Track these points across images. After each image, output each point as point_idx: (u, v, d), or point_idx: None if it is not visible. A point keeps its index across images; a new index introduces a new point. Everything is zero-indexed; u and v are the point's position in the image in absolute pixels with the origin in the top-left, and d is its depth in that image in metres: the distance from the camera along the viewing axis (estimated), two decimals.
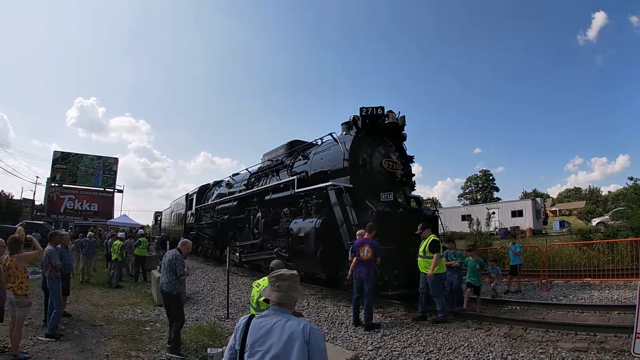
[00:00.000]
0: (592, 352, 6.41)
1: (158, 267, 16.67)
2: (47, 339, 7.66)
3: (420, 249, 9.16)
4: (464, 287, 10.42)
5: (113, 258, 15.96)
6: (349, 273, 9.06)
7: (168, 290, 7.27)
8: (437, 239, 9.18)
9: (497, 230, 37.18)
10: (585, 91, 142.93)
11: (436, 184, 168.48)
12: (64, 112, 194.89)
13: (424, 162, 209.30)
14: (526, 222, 41.49)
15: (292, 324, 2.50)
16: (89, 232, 16.49)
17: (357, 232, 9.42)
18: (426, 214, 12.76)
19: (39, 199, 60.99)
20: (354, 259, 8.86)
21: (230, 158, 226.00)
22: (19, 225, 25.58)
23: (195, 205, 27.08)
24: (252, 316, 2.67)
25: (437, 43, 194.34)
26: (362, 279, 8.69)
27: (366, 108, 12.14)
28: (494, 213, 40.66)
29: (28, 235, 10.96)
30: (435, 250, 8.94)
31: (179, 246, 7.71)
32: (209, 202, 24.50)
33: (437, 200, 74.45)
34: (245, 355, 2.52)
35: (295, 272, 2.85)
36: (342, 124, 13.57)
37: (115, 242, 16.32)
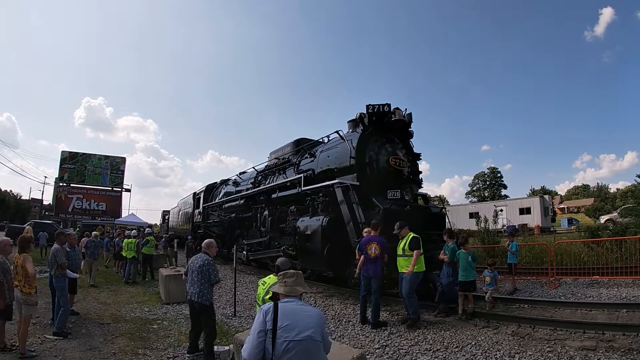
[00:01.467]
0: (601, 351, 6.39)
1: (165, 265, 16.78)
2: (55, 337, 7.68)
3: (399, 248, 8.82)
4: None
5: (130, 256, 16.02)
6: (357, 271, 9.01)
7: (200, 302, 6.53)
8: (416, 236, 8.72)
9: (504, 227, 37.01)
10: (593, 88, 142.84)
11: (443, 182, 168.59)
12: (71, 113, 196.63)
13: (431, 160, 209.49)
14: (534, 220, 41.25)
15: (311, 310, 2.97)
16: (94, 232, 16.31)
17: (364, 230, 9.40)
18: (433, 211, 12.74)
19: (47, 199, 61.61)
20: (362, 256, 8.83)
21: (238, 157, 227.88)
22: (27, 225, 25.84)
23: (203, 204, 27.11)
24: (276, 302, 2.95)
25: (444, 40, 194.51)
26: (370, 277, 8.66)
27: (373, 105, 12.07)
28: (501, 210, 40.45)
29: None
30: (415, 247, 8.51)
31: (206, 249, 7.01)
32: (216, 201, 24.52)
33: (445, 198, 74.43)
34: (279, 332, 2.73)
35: (299, 271, 3.35)
36: (348, 122, 13.55)
37: (129, 240, 16.38)
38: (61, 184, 47.56)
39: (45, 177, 77.32)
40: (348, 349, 4.45)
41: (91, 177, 48.69)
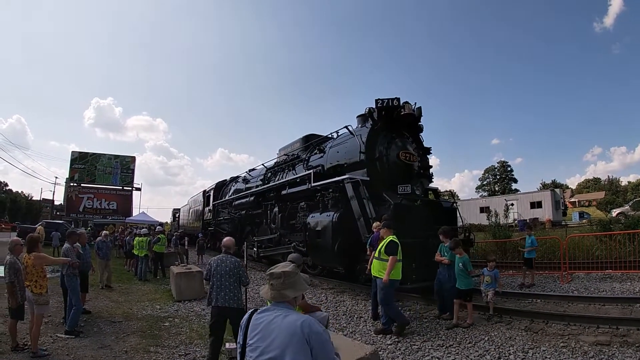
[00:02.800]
0: (615, 346, 6.32)
1: (176, 262, 16.83)
2: (67, 336, 7.70)
3: (377, 250, 8.28)
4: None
5: (142, 254, 16.06)
6: (368, 267, 8.88)
7: (236, 306, 6.10)
8: (395, 240, 8.00)
9: (515, 222, 36.85)
10: (603, 79, 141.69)
11: (454, 176, 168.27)
12: (81, 113, 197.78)
13: (441, 155, 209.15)
14: (545, 214, 41.08)
15: (290, 320, 2.42)
16: (104, 232, 16.14)
17: (374, 225, 9.34)
18: (445, 206, 12.68)
19: (59, 199, 62.00)
20: (372, 252, 8.74)
21: (247, 154, 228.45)
22: (39, 225, 26.04)
23: (213, 202, 27.27)
24: (254, 311, 2.64)
25: (453, 32, 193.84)
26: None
27: (382, 100, 12.01)
28: (512, 205, 40.31)
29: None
30: (391, 252, 7.77)
31: (228, 250, 6.55)
32: (226, 198, 24.62)
33: (455, 193, 74.18)
34: (247, 350, 2.49)
35: (290, 268, 2.72)
36: (357, 117, 13.52)
37: (140, 239, 16.43)
38: (72, 184, 47.77)
39: (56, 177, 78.13)
40: (360, 346, 4.41)
41: (101, 176, 48.89)
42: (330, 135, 14.89)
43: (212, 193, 28.00)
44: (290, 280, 2.63)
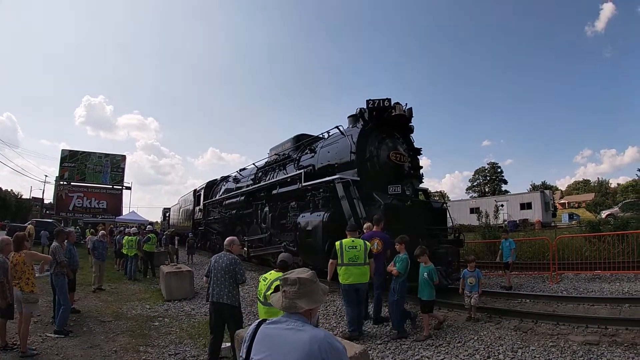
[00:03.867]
0: (604, 345, 6.37)
1: (166, 262, 16.78)
2: (56, 336, 7.67)
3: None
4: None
5: (132, 254, 16.00)
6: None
7: (229, 303, 6.11)
8: (336, 242, 8.05)
9: (505, 222, 37.05)
10: (594, 82, 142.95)
11: (444, 177, 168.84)
12: (72, 111, 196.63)
13: (432, 156, 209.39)
14: (535, 215, 41.34)
15: (301, 338, 2.03)
16: (101, 231, 15.91)
17: (365, 226, 9.32)
18: (435, 206, 12.72)
19: (48, 198, 61.53)
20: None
21: (239, 154, 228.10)
22: (29, 224, 25.83)
23: (203, 201, 27.18)
24: (262, 321, 2.28)
25: (444, 35, 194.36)
26: (372, 273, 8.58)
27: (373, 100, 12.02)
28: (502, 205, 40.49)
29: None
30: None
31: (228, 248, 6.56)
32: (217, 198, 24.56)
33: (445, 194, 74.42)
34: None
35: (308, 275, 2.36)
36: (348, 117, 13.53)
37: (130, 238, 16.36)
38: (62, 183, 47.42)
39: (46, 175, 77.21)
40: (350, 345, 4.40)
41: (92, 175, 48.52)
42: (321, 135, 14.87)
43: (202, 192, 27.91)
44: (306, 288, 2.28)
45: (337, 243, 8.01)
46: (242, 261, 6.87)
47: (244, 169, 22.72)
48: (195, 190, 30.33)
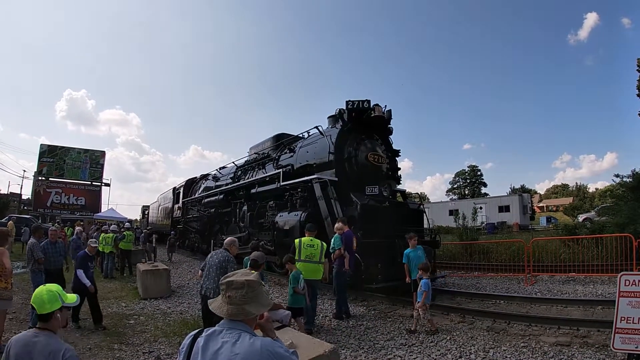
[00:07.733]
0: (575, 347, 6.43)
1: (143, 260, 16.63)
2: None
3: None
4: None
5: (107, 251, 15.80)
6: (346, 266, 8.91)
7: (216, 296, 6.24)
8: (298, 241, 8.49)
9: (483, 225, 37.37)
10: (575, 89, 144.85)
11: (425, 179, 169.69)
12: (53, 105, 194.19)
13: (414, 158, 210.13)
14: (513, 218, 41.78)
15: (242, 347, 1.86)
16: (78, 228, 15.70)
17: (335, 227, 9.30)
18: (411, 207, 12.80)
19: (26, 193, 60.65)
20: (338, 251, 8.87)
21: (221, 152, 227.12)
22: (6, 219, 25.47)
23: (182, 199, 27.01)
24: (199, 332, 2.06)
25: (428, 39, 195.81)
26: (327, 272, 8.82)
27: (352, 101, 12.08)
28: (480, 208, 40.83)
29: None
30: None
31: (226, 246, 6.92)
32: (196, 196, 24.42)
33: (426, 195, 74.84)
34: None
35: (253, 277, 2.13)
36: (328, 117, 13.56)
37: (106, 235, 16.14)
38: (40, 178, 46.93)
39: (25, 170, 75.90)
40: (320, 344, 4.39)
41: (70, 171, 48.08)
42: (301, 135, 14.89)
43: (182, 190, 27.71)
44: (254, 292, 2.06)
45: (297, 240, 8.56)
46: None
47: (223, 167, 22.68)
48: (174, 188, 30.05)
